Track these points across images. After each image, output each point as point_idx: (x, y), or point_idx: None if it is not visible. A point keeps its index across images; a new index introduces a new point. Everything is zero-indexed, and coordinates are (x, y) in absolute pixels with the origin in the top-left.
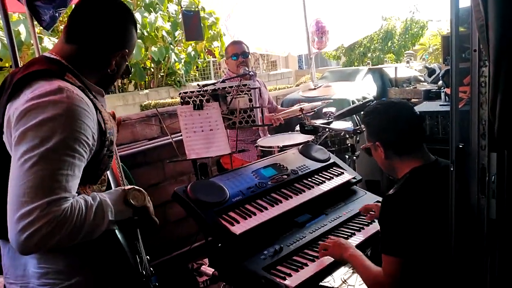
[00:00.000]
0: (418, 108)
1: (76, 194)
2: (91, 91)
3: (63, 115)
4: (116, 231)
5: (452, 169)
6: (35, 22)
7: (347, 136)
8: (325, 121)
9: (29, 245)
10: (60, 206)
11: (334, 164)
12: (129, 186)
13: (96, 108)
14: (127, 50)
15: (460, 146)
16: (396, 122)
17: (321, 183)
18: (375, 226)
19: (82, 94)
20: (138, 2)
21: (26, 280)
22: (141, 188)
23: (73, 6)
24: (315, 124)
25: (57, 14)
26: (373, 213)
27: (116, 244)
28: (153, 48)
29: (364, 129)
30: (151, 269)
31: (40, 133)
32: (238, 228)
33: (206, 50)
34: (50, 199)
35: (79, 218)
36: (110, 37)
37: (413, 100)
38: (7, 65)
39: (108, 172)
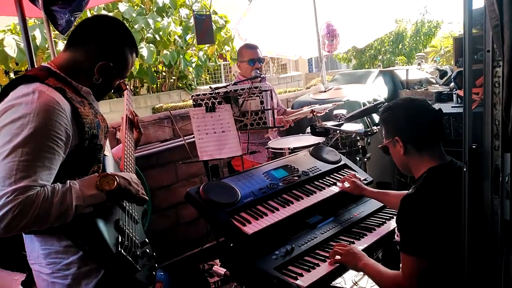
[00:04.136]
0: None
1: (47, 184)
2: (80, 91)
3: (32, 113)
4: (95, 213)
5: (465, 169)
6: (51, 27)
7: (358, 138)
8: (336, 123)
9: None
10: (24, 194)
11: (345, 166)
12: (104, 173)
13: (73, 106)
14: (111, 64)
15: (473, 147)
16: (416, 116)
17: (332, 185)
18: (387, 227)
19: (58, 94)
20: (151, 7)
21: (39, 260)
22: (113, 173)
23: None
24: (326, 126)
25: (72, 18)
26: (347, 185)
27: (92, 225)
28: (165, 52)
29: (382, 127)
30: (143, 252)
31: (11, 130)
32: (249, 229)
33: (218, 54)
34: (15, 187)
35: (44, 203)
36: (96, 46)
37: None
38: (23, 69)
39: (110, 168)
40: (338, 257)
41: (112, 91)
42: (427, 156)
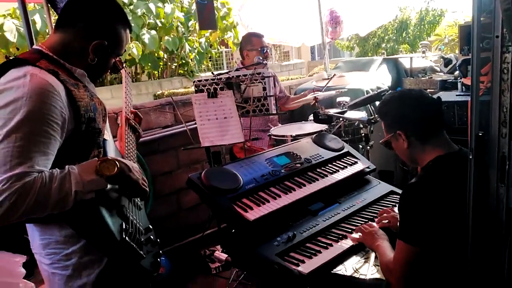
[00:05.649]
0: None
1: (45, 169)
2: (74, 73)
3: (24, 97)
4: (98, 200)
5: (471, 157)
6: (51, 11)
7: (361, 125)
8: (339, 110)
9: None
10: (20, 181)
11: (348, 154)
12: (104, 157)
13: (67, 89)
14: (106, 42)
15: (480, 134)
16: (416, 107)
17: (335, 172)
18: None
19: (51, 76)
20: None
21: (39, 250)
22: (114, 158)
23: None
24: (329, 113)
25: None
26: (389, 223)
27: (95, 212)
28: (167, 38)
29: (380, 121)
30: (147, 238)
31: (3, 115)
32: (251, 215)
33: (220, 40)
34: (11, 174)
35: (42, 189)
36: (88, 25)
37: (428, 90)
38: None
39: (111, 152)
40: (359, 234)
41: (108, 71)
42: (431, 146)
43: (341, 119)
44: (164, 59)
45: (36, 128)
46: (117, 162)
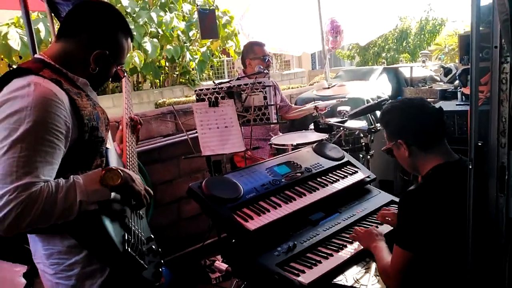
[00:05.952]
0: None
1: (50, 179)
2: (76, 82)
3: (29, 106)
4: (101, 211)
5: (470, 167)
6: (55, 20)
7: (362, 135)
8: (340, 119)
9: (2, 228)
10: (27, 191)
11: (348, 163)
12: (108, 167)
13: (71, 98)
14: (107, 52)
15: (479, 144)
16: (416, 117)
17: (335, 182)
18: (389, 226)
19: (54, 86)
20: (154, 1)
21: (43, 260)
22: (118, 168)
23: None
24: (329, 122)
25: None
26: (389, 219)
27: (98, 223)
28: (168, 47)
29: (383, 129)
30: (148, 248)
31: (8, 125)
32: (252, 224)
33: (221, 50)
34: (17, 185)
35: (49, 199)
36: (89, 35)
37: (428, 99)
38: None
39: (114, 161)
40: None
41: (110, 79)
42: (432, 154)
43: (341, 128)
44: (166, 68)
45: (41, 138)
46: (121, 172)
